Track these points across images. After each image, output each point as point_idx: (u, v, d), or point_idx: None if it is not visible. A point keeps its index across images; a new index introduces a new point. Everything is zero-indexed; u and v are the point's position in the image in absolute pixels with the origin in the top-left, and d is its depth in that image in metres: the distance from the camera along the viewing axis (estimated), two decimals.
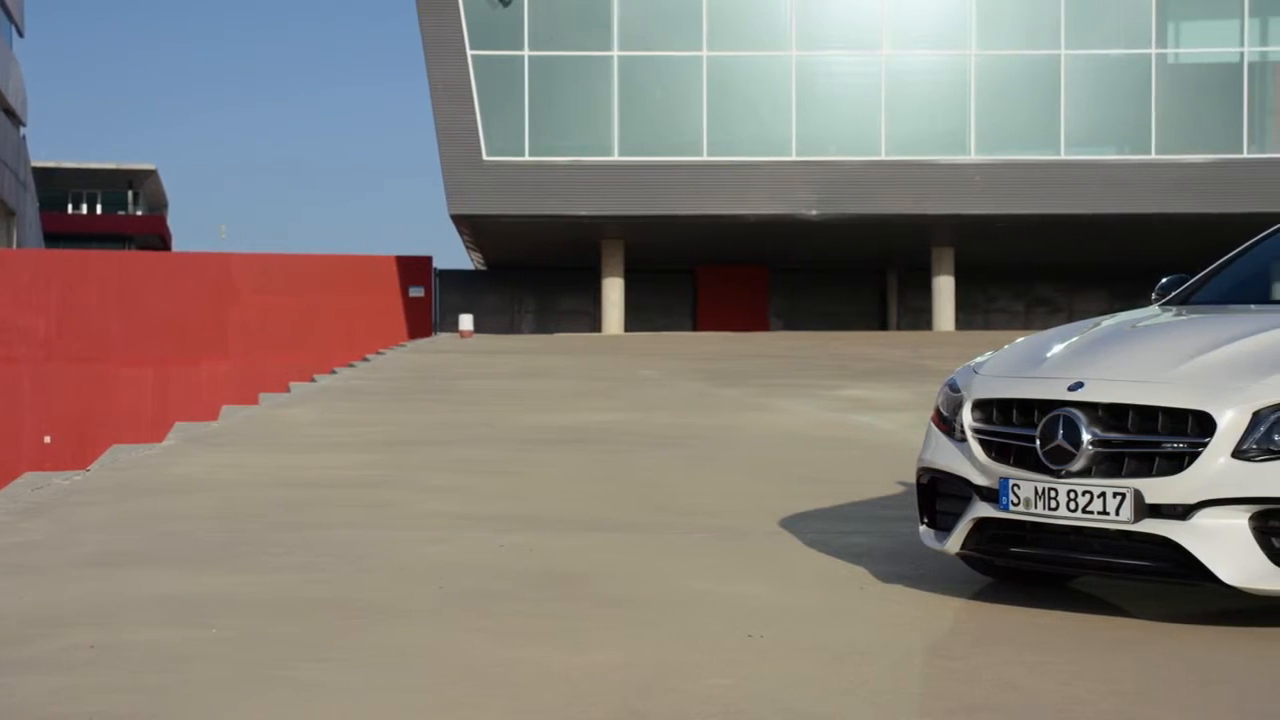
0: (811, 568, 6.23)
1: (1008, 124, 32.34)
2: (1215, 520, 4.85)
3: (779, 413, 13.80)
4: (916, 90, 32.33)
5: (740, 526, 7.30)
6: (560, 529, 7.25)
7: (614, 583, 5.93)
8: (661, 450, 10.76)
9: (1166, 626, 5.15)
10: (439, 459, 10.16)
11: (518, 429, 12.25)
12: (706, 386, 17.08)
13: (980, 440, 5.40)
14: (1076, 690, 4.33)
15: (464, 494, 8.46)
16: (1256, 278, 6.59)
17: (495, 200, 31.66)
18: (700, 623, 5.21)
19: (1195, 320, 5.98)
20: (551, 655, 4.73)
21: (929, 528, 5.73)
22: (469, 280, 42.64)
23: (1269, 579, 4.82)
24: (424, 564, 6.32)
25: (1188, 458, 4.90)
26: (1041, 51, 32.13)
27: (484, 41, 31.62)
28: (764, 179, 31.73)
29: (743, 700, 4.22)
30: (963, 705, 4.20)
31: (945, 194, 31.66)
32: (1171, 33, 32.62)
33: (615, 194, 31.71)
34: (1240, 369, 5.05)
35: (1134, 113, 32.04)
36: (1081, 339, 5.73)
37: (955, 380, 5.75)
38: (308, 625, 5.16)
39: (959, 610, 5.44)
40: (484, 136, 31.50)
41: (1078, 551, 5.15)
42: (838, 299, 42.28)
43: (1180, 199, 31.41)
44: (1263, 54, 32.43)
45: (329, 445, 11.09)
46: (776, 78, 32.26)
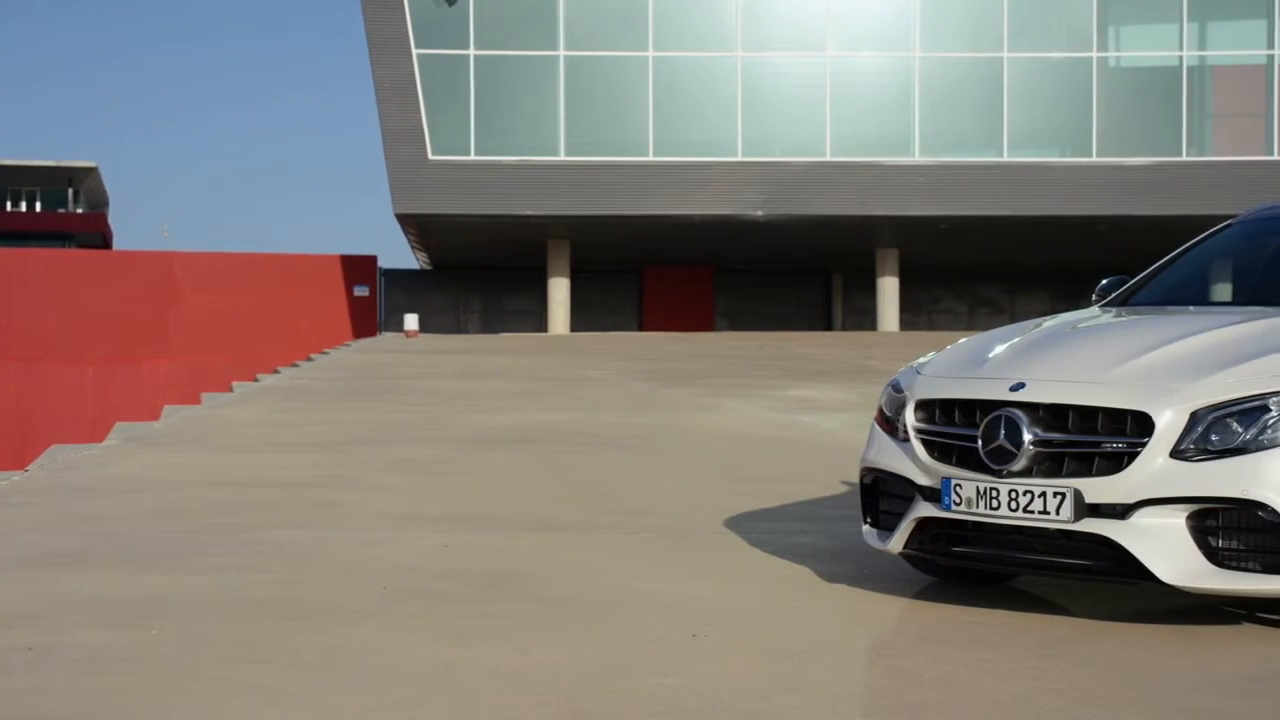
0: (756, 567, 6.25)
1: (952, 126, 32.56)
2: (1153, 520, 4.90)
3: (724, 413, 13.84)
4: (861, 92, 32.49)
5: (685, 526, 7.31)
6: (505, 529, 7.24)
7: (558, 582, 5.92)
8: (607, 450, 10.76)
9: (1106, 625, 5.20)
10: (383, 459, 10.12)
11: (463, 429, 12.22)
12: (652, 386, 17.10)
13: (923, 440, 5.43)
14: (1017, 688, 4.36)
15: (408, 494, 8.43)
16: (1195, 279, 6.67)
17: (441, 200, 31.56)
18: (645, 622, 5.22)
19: (1135, 321, 6.05)
20: (496, 655, 4.72)
21: (872, 527, 5.76)
22: (414, 280, 42.48)
23: (1206, 578, 4.87)
24: (368, 564, 6.29)
25: (1127, 458, 4.95)
26: (985, 54, 32.36)
27: (429, 41, 31.51)
28: (710, 179, 31.80)
29: (687, 699, 4.23)
30: (905, 704, 4.23)
31: (890, 195, 31.84)
32: (1112, 36, 32.95)
33: (561, 194, 31.69)
34: (1178, 370, 5.11)
35: (1076, 115, 32.32)
36: (1023, 340, 5.78)
37: (898, 381, 5.78)
38: (249, 626, 5.12)
39: (902, 609, 5.47)
40: (429, 136, 31.40)
41: (1019, 551, 5.19)
42: (783, 299, 42.43)
43: (1121, 201, 31.72)
44: (1201, 58, 32.80)
45: (272, 445, 11.02)
46: (722, 79, 32.34)
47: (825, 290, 42.86)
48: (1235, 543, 4.86)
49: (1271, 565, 4.81)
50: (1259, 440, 4.84)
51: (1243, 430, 4.87)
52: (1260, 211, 6.83)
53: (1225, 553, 4.86)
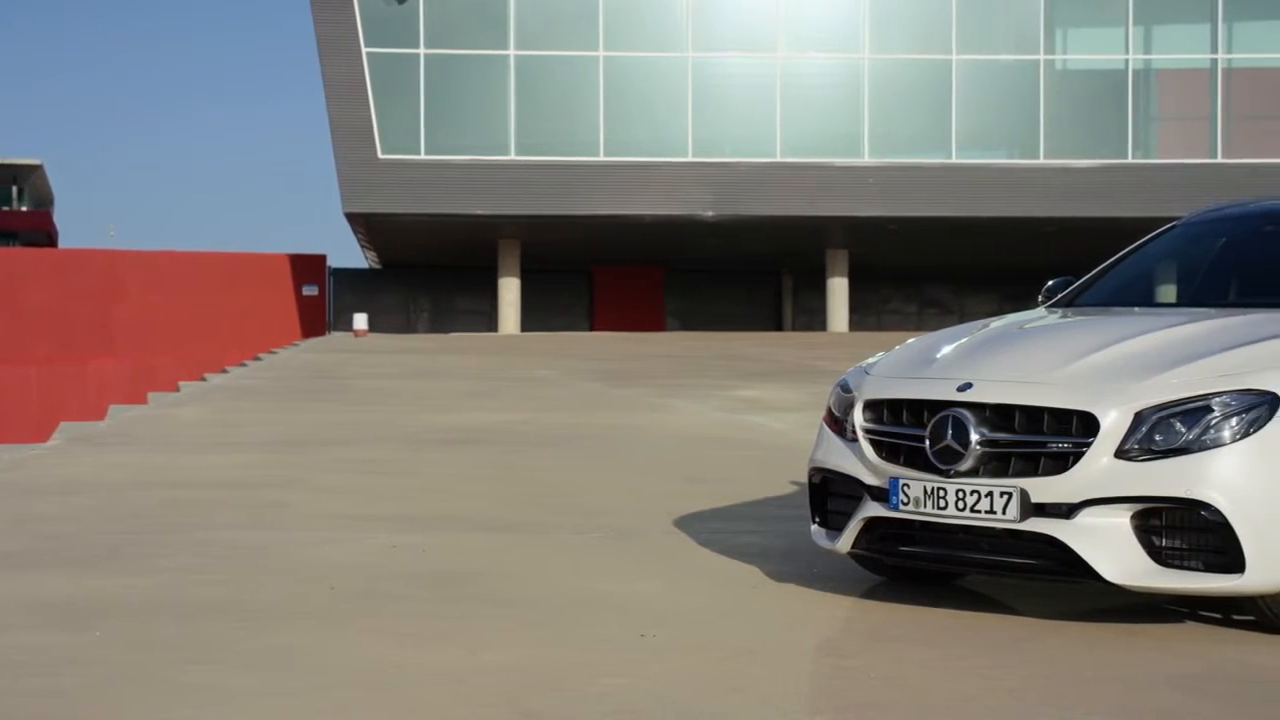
0: (705, 567, 6.25)
1: (901, 127, 32.72)
2: (1098, 519, 4.94)
3: (674, 413, 13.85)
4: (811, 93, 32.60)
5: (634, 526, 7.31)
6: (454, 529, 7.21)
7: (507, 583, 5.91)
8: (557, 450, 10.75)
9: (1052, 624, 5.23)
10: (331, 459, 10.07)
11: (412, 429, 12.17)
12: (602, 387, 17.09)
13: (871, 440, 5.45)
14: (964, 687, 4.39)
15: (357, 494, 8.39)
16: (1140, 280, 6.72)
17: (390, 199, 31.44)
18: (593, 622, 5.21)
19: (1081, 322, 6.09)
20: (444, 656, 4.70)
21: (821, 527, 5.78)
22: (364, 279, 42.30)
23: (1149, 576, 4.92)
24: (315, 565, 6.25)
25: (1072, 457, 4.99)
26: (933, 56, 32.54)
27: (379, 39, 31.38)
28: (660, 180, 31.83)
29: (635, 699, 4.23)
30: (853, 703, 4.24)
31: (839, 196, 31.96)
32: (1059, 39, 33.20)
33: (511, 193, 31.63)
34: (1123, 370, 5.15)
35: (1023, 118, 32.55)
36: (970, 340, 5.81)
37: (847, 381, 5.80)
38: (195, 628, 5.08)
39: (850, 609, 5.49)
40: (379, 135, 31.27)
41: (966, 550, 5.21)
42: (733, 300, 42.52)
43: (1067, 203, 31.97)
44: (1146, 62, 33.10)
45: (219, 445, 10.94)
46: (672, 79, 32.37)
47: (775, 291, 42.99)
48: (1179, 542, 4.90)
49: (1214, 564, 4.86)
50: (1202, 440, 4.89)
51: (1186, 430, 4.91)
52: (1203, 214, 6.90)
53: (1169, 552, 4.91)
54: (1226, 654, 4.81)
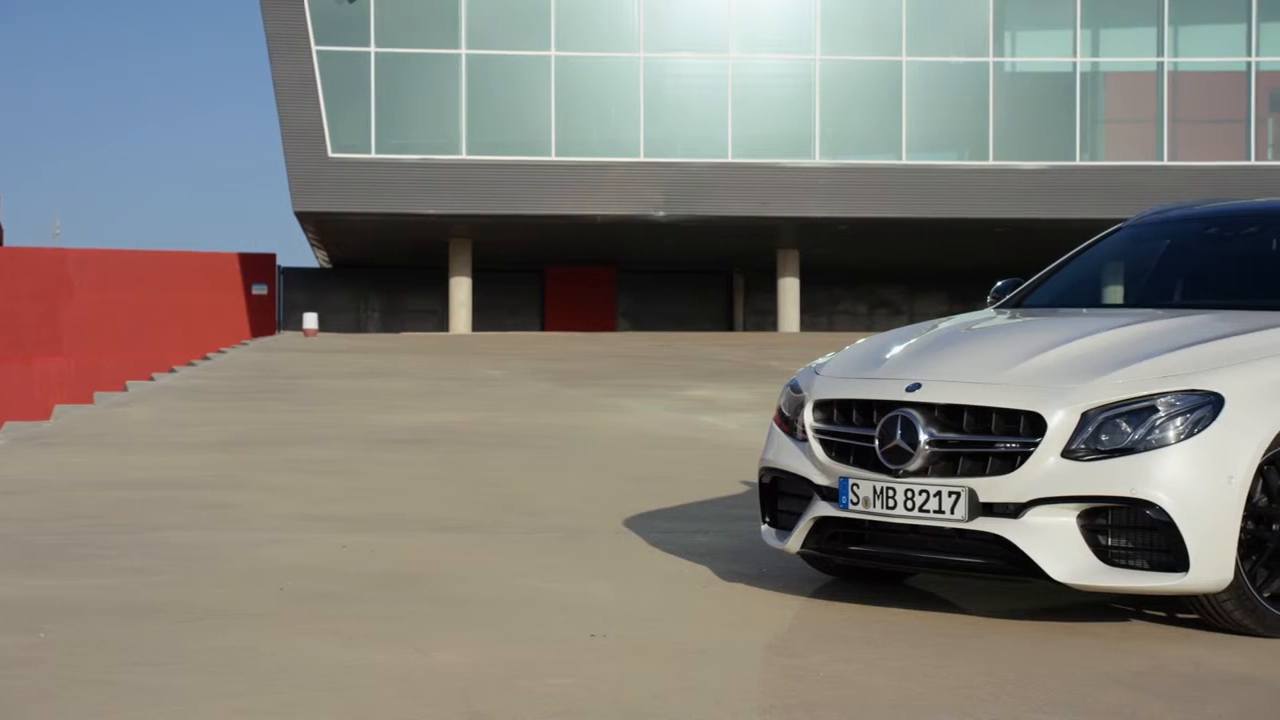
0: (655, 567, 6.26)
1: (851, 128, 32.85)
2: (1045, 518, 4.98)
3: (625, 413, 13.85)
4: (762, 94, 32.69)
5: (585, 526, 7.31)
6: (404, 529, 7.19)
7: (457, 583, 5.90)
8: (507, 450, 10.73)
9: (999, 622, 5.27)
10: (281, 459, 10.01)
11: (362, 429, 12.12)
12: (553, 387, 17.07)
13: (821, 440, 5.48)
14: (910, 685, 4.41)
15: (306, 494, 8.35)
16: (1087, 282, 6.78)
17: (341, 198, 31.29)
18: (543, 622, 5.21)
19: (1028, 323, 6.14)
20: (392, 656, 4.69)
21: (771, 527, 5.80)
22: (314, 278, 42.09)
23: (1095, 575, 4.96)
24: (264, 566, 6.22)
25: (1020, 457, 5.02)
26: (884, 58, 32.68)
27: (329, 38, 31.23)
28: (612, 180, 31.82)
29: (584, 699, 4.23)
30: (801, 702, 4.26)
31: (790, 196, 32.05)
32: (1008, 42, 33.43)
33: (463, 193, 31.55)
34: (1070, 371, 5.19)
35: (972, 119, 32.75)
36: (919, 341, 5.84)
37: (797, 381, 5.82)
38: (141, 629, 5.05)
39: (799, 608, 5.51)
40: (329, 133, 31.12)
41: (914, 550, 5.24)
42: (685, 300, 42.57)
43: (1016, 204, 32.19)
44: (1094, 65, 33.37)
45: (167, 445, 10.86)
46: (624, 79, 32.37)
47: (727, 291, 43.07)
48: (1124, 541, 4.95)
49: (1158, 563, 4.90)
50: (1147, 440, 4.93)
51: (1132, 430, 4.96)
52: (1149, 216, 6.97)
53: (1114, 550, 4.95)
54: (1171, 652, 4.85)
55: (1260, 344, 5.29)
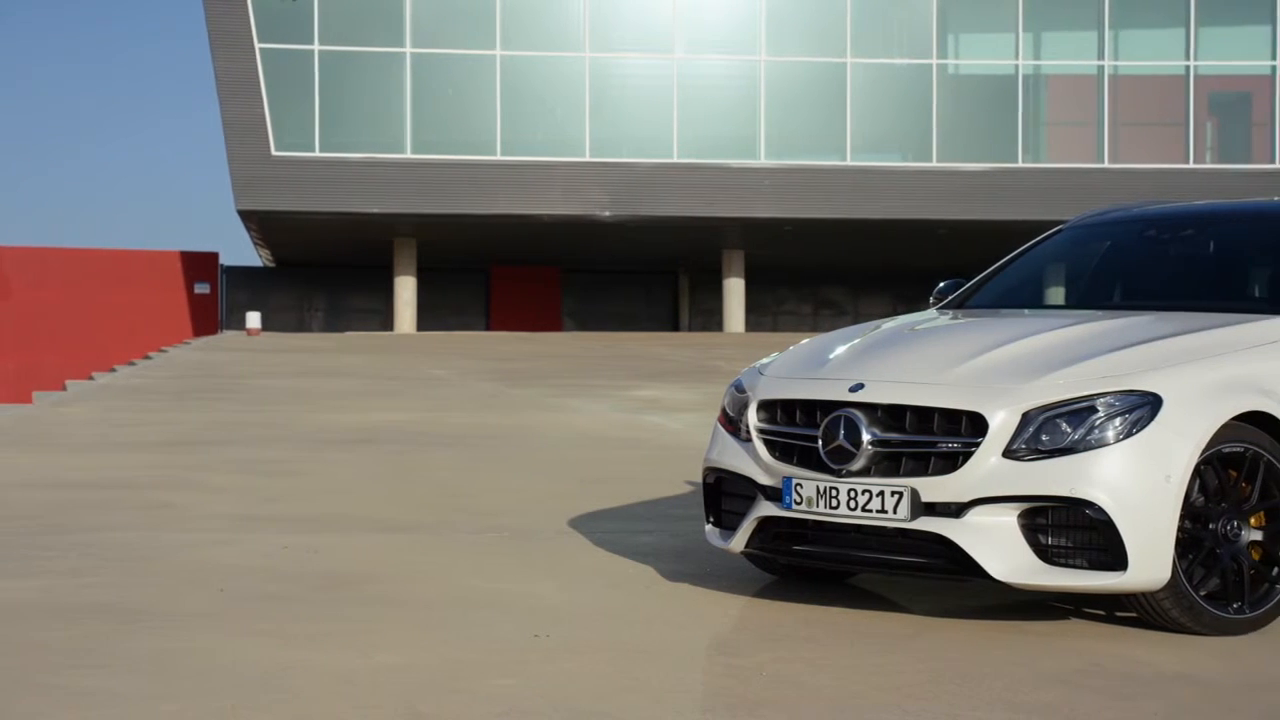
0: (599, 567, 6.26)
1: (796, 129, 32.96)
2: (986, 518, 5.01)
3: (571, 413, 13.84)
4: (708, 94, 32.74)
5: (529, 526, 7.30)
6: (347, 530, 7.16)
7: (400, 584, 5.87)
8: (452, 450, 10.70)
9: (941, 621, 5.30)
10: (223, 459, 9.94)
11: (305, 429, 12.05)
12: (498, 386, 17.04)
13: (765, 440, 5.49)
14: (852, 684, 4.43)
15: (248, 495, 8.29)
16: (1028, 283, 6.84)
17: (284, 196, 31.08)
18: (487, 623, 5.20)
19: (970, 323, 6.18)
20: (334, 658, 4.66)
21: (715, 527, 5.81)
22: (257, 277, 41.80)
23: (1036, 574, 5.00)
24: (204, 566, 6.17)
25: (961, 457, 5.06)
26: (828, 59, 32.82)
27: (272, 35, 31.02)
28: (558, 179, 31.78)
29: (527, 699, 4.22)
30: (743, 701, 4.27)
31: (736, 197, 32.12)
32: (951, 44, 33.63)
33: (408, 192, 31.41)
34: (1011, 371, 5.23)
35: (916, 121, 32.93)
36: (863, 341, 5.87)
37: (741, 381, 5.84)
38: (79, 630, 5.00)
39: (743, 608, 5.52)
40: (273, 131, 30.91)
41: (857, 549, 5.27)
42: (630, 300, 42.57)
43: (959, 205, 32.40)
44: (1036, 67, 33.64)
45: (107, 445, 10.76)
46: (570, 79, 32.34)
47: (672, 291, 43.11)
48: (1064, 540, 4.99)
49: (1097, 561, 4.95)
50: (1087, 440, 4.98)
51: (1071, 430, 5.00)
52: (1088, 218, 7.04)
53: (1054, 550, 4.99)
54: (1109, 649, 4.90)
55: (1198, 345, 5.36)
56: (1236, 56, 33.58)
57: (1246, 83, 33.77)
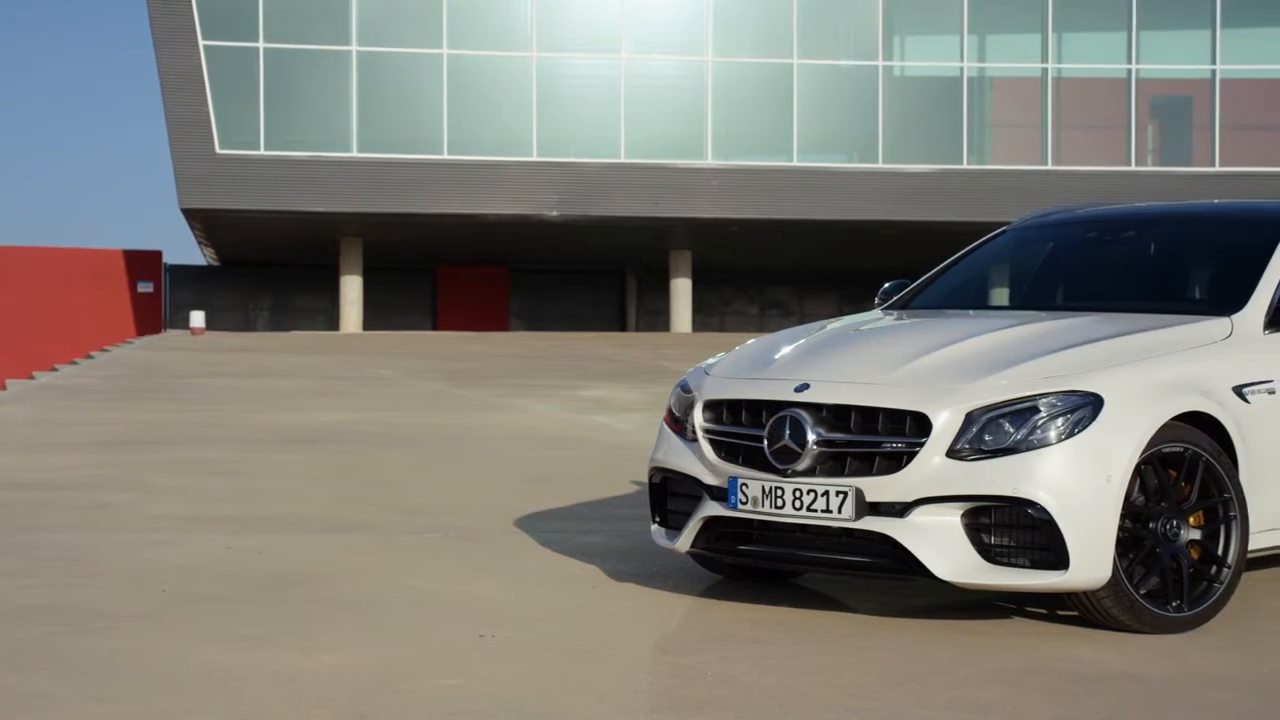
0: (545, 567, 6.25)
1: (743, 130, 33.04)
2: (930, 517, 5.04)
3: (517, 413, 13.82)
4: (655, 94, 32.76)
5: (475, 526, 7.28)
6: (291, 530, 7.11)
7: (345, 584, 5.84)
8: (397, 450, 10.65)
9: (885, 620, 5.33)
10: (166, 459, 9.86)
11: (250, 429, 11.97)
12: (445, 386, 16.99)
13: (710, 440, 5.50)
14: (797, 684, 4.44)
15: (191, 495, 8.23)
16: (972, 284, 6.88)
17: (229, 194, 30.86)
18: (431, 623, 5.18)
19: (915, 324, 6.21)
20: (277, 659, 4.63)
21: (660, 526, 5.81)
22: (201, 276, 41.48)
23: (979, 573, 5.03)
24: (146, 568, 6.12)
25: (906, 457, 5.08)
26: (775, 60, 32.91)
27: (216, 32, 30.79)
28: (505, 179, 31.72)
29: (471, 700, 4.21)
30: (688, 701, 4.27)
31: (682, 197, 32.16)
32: (897, 46, 33.82)
33: (354, 191, 31.26)
34: (955, 371, 5.26)
35: (862, 122, 33.08)
36: (808, 341, 5.89)
37: (687, 381, 5.84)
38: (18, 632, 4.94)
39: (688, 608, 5.53)
40: (217, 129, 30.68)
41: (802, 549, 5.28)
42: (578, 300, 42.54)
43: (905, 206, 32.57)
44: (981, 70, 33.88)
45: (48, 445, 10.64)
46: (517, 78, 32.28)
47: (620, 291, 43.12)
48: (1006, 539, 5.02)
49: (1040, 560, 4.99)
50: (1029, 440, 5.01)
51: (1014, 430, 5.04)
52: (1031, 219, 7.09)
53: (997, 549, 5.03)
54: (1051, 648, 4.94)
55: (1139, 346, 5.41)
56: (1177, 60, 33.95)
57: (1187, 86, 34.13)
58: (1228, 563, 5.26)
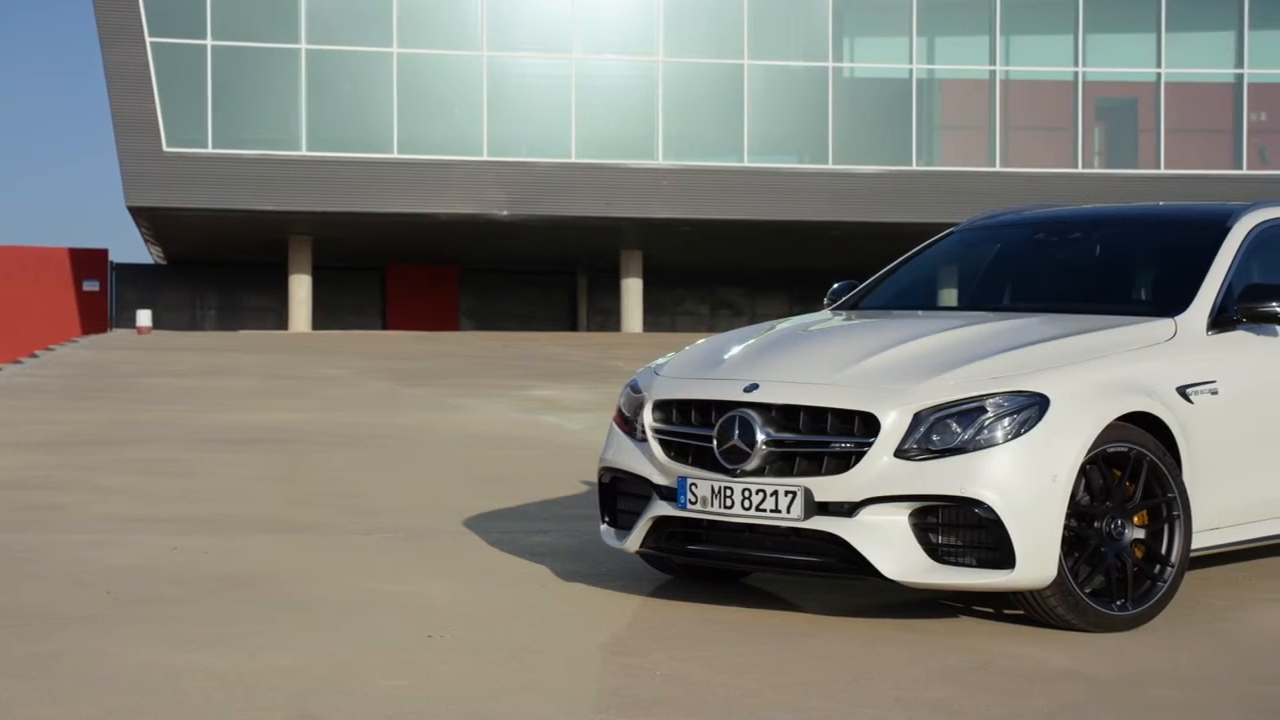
0: (494, 567, 6.24)
1: (694, 130, 33.08)
2: (878, 517, 5.06)
3: (467, 413, 13.78)
4: (606, 94, 32.76)
5: (424, 526, 7.26)
6: (238, 531, 7.07)
7: (292, 585, 5.81)
8: (346, 450, 10.60)
9: (834, 620, 5.35)
10: (111, 459, 9.77)
11: (196, 428, 11.89)
12: (394, 386, 16.92)
13: (660, 440, 5.51)
14: (746, 683, 4.46)
15: (137, 496, 8.16)
16: (921, 284, 6.92)
17: (176, 193, 30.62)
18: (380, 624, 5.16)
19: (863, 324, 6.24)
20: (224, 660, 4.61)
21: (610, 526, 5.81)
22: (148, 275, 41.16)
23: (926, 573, 5.06)
24: (91, 569, 6.07)
25: (854, 457, 5.10)
26: (726, 60, 32.98)
27: (163, 29, 30.54)
28: (455, 178, 31.63)
29: (419, 700, 4.20)
30: (638, 700, 4.28)
31: (633, 197, 32.18)
32: (847, 48, 33.95)
33: (303, 189, 31.09)
34: (903, 372, 5.29)
35: (812, 123, 33.19)
36: (758, 341, 5.91)
37: (637, 381, 5.84)
38: None
39: (637, 607, 5.53)
40: (164, 127, 30.44)
41: (751, 548, 5.30)
42: (529, 300, 42.48)
43: (855, 207, 32.71)
44: (930, 72, 34.07)
45: None
46: (468, 77, 32.20)
47: (571, 291, 43.09)
48: (953, 539, 5.05)
49: (986, 560, 5.02)
50: (976, 440, 5.05)
51: (961, 430, 5.07)
52: (978, 220, 7.13)
53: (944, 548, 5.06)
54: (997, 647, 4.97)
55: (1084, 346, 5.45)
56: (1123, 64, 34.26)
57: (1132, 89, 34.45)
58: (1171, 561, 5.31)
